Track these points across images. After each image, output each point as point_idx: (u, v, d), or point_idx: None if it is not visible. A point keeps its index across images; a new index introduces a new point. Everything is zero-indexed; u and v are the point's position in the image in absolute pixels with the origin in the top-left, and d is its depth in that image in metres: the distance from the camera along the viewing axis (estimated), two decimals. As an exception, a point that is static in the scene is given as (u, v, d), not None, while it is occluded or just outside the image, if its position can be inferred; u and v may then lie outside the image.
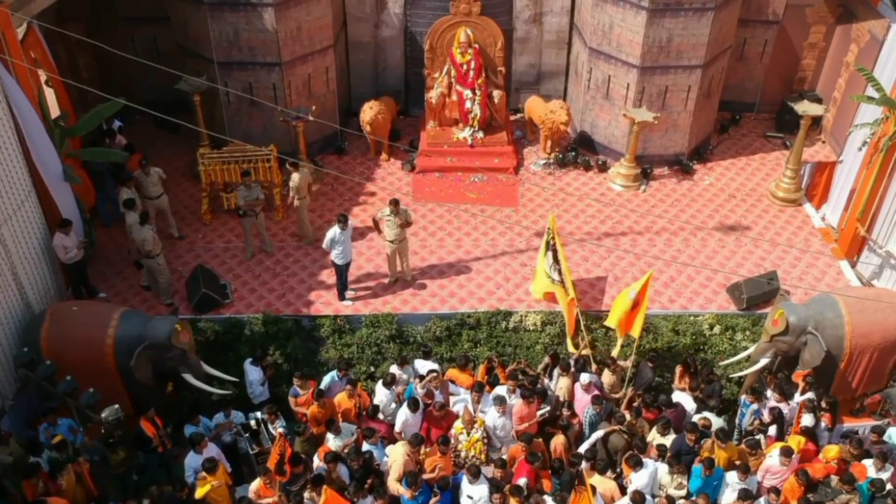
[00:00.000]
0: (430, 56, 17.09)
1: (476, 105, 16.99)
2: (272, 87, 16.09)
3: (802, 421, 11.65)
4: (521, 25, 17.87)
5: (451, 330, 13.52)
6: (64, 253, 13.06)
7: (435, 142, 17.28)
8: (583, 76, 17.38)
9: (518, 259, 15.07)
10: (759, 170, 17.66)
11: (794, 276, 14.74)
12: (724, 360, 13.17)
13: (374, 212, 14.88)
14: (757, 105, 19.07)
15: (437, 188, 16.78)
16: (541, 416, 11.52)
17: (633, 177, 16.91)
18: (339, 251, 13.55)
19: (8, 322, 12.20)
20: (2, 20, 11.94)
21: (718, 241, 15.59)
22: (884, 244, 15.09)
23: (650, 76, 16.22)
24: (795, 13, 17.84)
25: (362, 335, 13.39)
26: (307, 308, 13.85)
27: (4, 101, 12.05)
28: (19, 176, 12.52)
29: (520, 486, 10.08)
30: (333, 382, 12.01)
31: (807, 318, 12.41)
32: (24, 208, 12.68)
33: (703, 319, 13.73)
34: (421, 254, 15.08)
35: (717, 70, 16.93)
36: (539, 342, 13.38)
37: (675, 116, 16.75)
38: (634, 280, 13.77)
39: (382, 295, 14.24)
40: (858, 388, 12.88)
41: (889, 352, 12.67)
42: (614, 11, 15.94)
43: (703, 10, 15.44)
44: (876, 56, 15.87)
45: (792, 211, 16.50)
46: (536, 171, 17.40)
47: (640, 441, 11.07)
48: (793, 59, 18.48)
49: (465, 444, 11.06)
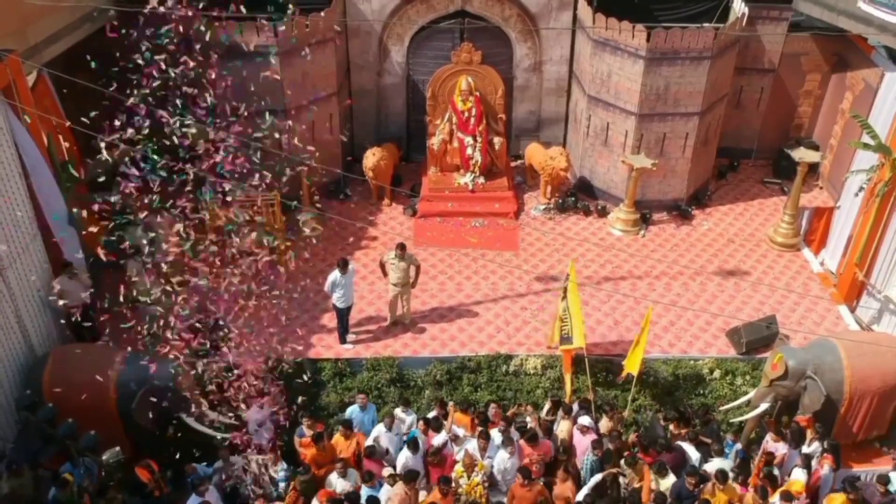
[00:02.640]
0: (431, 103, 17.41)
1: (477, 151, 17.26)
2: (277, 133, 16.34)
3: (794, 475, 11.60)
4: (521, 74, 18.23)
5: (451, 373, 13.56)
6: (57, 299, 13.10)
7: (436, 187, 17.51)
8: (582, 123, 17.66)
9: (518, 303, 15.16)
10: (757, 215, 17.84)
11: (794, 321, 14.80)
12: (724, 404, 13.20)
13: (377, 256, 15.06)
14: (754, 151, 19.34)
15: (438, 233, 16.95)
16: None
17: (633, 222, 17.09)
18: (341, 294, 13.67)
19: (11, 364, 12.27)
20: (13, 68, 12.25)
21: (717, 285, 15.69)
22: (882, 289, 15.18)
23: (648, 123, 16.50)
24: (791, 61, 18.19)
25: (363, 379, 13.44)
26: (311, 351, 13.92)
27: (13, 146, 12.30)
28: (25, 219, 12.71)
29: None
30: (355, 415, 12.26)
31: (806, 363, 12.47)
32: (30, 251, 12.83)
33: (703, 364, 13.78)
34: (422, 297, 15.18)
35: (714, 117, 17.21)
36: (539, 386, 13.42)
37: (674, 163, 16.98)
38: (635, 324, 13.86)
39: (383, 338, 14.31)
40: (860, 433, 12.88)
41: (889, 396, 12.69)
42: (612, 60, 16.26)
43: (699, 59, 15.77)
44: (871, 103, 16.16)
45: (790, 256, 16.63)
46: (537, 216, 17.59)
47: (636, 494, 11.06)
48: (789, 106, 18.78)
49: (466, 487, 11.04)
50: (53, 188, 13.25)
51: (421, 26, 17.64)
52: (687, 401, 13.32)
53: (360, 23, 17.32)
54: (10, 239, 12.22)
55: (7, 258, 12.13)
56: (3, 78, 12.03)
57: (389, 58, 17.85)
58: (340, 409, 13.02)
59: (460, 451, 11.81)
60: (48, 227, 13.29)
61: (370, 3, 17.04)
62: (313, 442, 11.76)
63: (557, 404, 12.66)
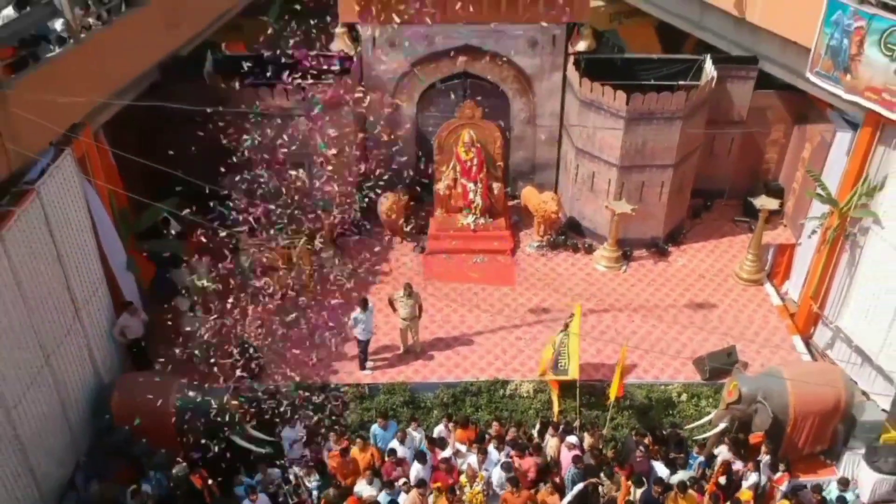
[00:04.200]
0: (438, 153, 19.67)
1: (478, 196, 19.53)
2: (302, 183, 18.59)
3: (749, 479, 13.89)
4: (518, 126, 20.44)
5: (456, 396, 15.78)
6: (119, 332, 15.43)
7: (442, 227, 19.78)
8: (571, 170, 19.91)
9: (514, 333, 17.40)
10: (726, 252, 20.05)
11: (753, 350, 17.02)
12: (690, 423, 15.44)
13: (390, 289, 17.34)
14: (726, 192, 21.41)
15: (444, 268, 19.19)
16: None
17: (615, 259, 19.33)
18: (362, 328, 15.95)
19: (83, 390, 14.53)
20: (86, 139, 14.51)
21: (688, 317, 17.92)
22: (834, 320, 17.43)
23: (628, 174, 18.74)
24: (758, 114, 20.33)
25: (380, 401, 15.68)
26: (334, 377, 16.17)
27: (86, 206, 14.57)
28: (95, 268, 14.98)
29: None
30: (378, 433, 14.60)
31: (756, 389, 14.72)
32: (98, 294, 15.11)
33: (673, 388, 16.00)
34: (430, 328, 17.42)
35: (688, 167, 19.43)
36: (532, 407, 15.64)
37: (651, 207, 19.21)
38: (615, 352, 16.09)
39: (397, 365, 16.57)
40: (804, 448, 15.09)
41: (829, 417, 14.91)
42: (597, 118, 18.50)
43: (672, 119, 18.01)
44: (825, 156, 18.30)
45: (754, 290, 18.84)
46: (531, 253, 19.84)
47: (612, 502, 13.37)
48: (757, 153, 20.91)
49: (469, 494, 13.29)
50: (115, 238, 15.52)
51: (429, 85, 19.88)
52: (659, 420, 15.56)
53: (376, 83, 19.56)
54: (84, 284, 14.50)
55: (81, 300, 14.40)
56: (78, 149, 14.30)
57: (400, 113, 20.10)
58: (361, 426, 15.27)
59: (463, 463, 14.10)
60: (111, 272, 15.56)
61: (383, 66, 19.27)
62: (340, 455, 14.07)
63: (546, 424, 14.95)
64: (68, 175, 13.89)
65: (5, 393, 12.16)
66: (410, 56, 19.18)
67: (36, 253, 12.94)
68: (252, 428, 14.62)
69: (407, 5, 18.09)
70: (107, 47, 14.43)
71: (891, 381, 15.93)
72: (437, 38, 18.90)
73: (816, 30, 16.08)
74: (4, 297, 12.09)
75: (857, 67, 15.41)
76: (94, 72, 14.31)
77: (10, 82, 12.37)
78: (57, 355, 13.60)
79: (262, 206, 16.24)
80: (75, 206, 14.17)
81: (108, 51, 14.48)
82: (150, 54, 15.79)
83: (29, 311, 12.75)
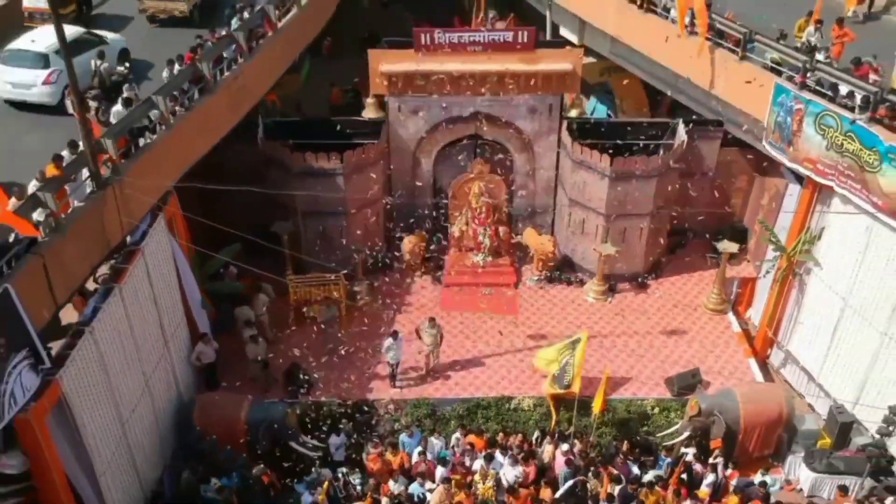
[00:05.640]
0: (453, 202, 23.26)
1: (486, 238, 23.07)
2: (339, 229, 22.14)
3: (708, 479, 17.37)
4: (520, 177, 23.92)
5: (469, 410, 19.19)
6: (195, 358, 18.98)
7: (456, 264, 23.31)
8: (565, 216, 23.46)
9: (517, 356, 20.89)
10: (697, 284, 23.51)
11: (715, 371, 20.50)
12: (660, 432, 18.92)
13: (412, 318, 20.94)
14: (696, 233, 24.73)
15: (458, 300, 22.70)
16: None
17: (602, 291, 22.84)
18: (392, 354, 19.46)
19: (169, 406, 18.07)
20: (173, 205, 18.02)
21: (662, 342, 21.40)
22: (785, 344, 20.93)
23: (613, 221, 22.25)
24: (725, 166, 23.75)
25: (408, 413, 19.15)
26: (369, 394, 19.69)
27: (173, 258, 18.09)
28: (178, 307, 18.53)
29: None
30: (405, 440, 18.07)
31: (713, 405, 18.21)
32: (181, 327, 18.65)
33: (647, 403, 19.45)
34: (447, 352, 20.87)
35: (664, 214, 22.93)
36: (532, 419, 19.10)
37: (633, 248, 22.73)
38: (601, 372, 19.50)
39: (421, 384, 20.07)
40: (754, 452, 18.61)
41: (773, 427, 18.43)
42: (586, 175, 22.03)
43: (649, 177, 21.54)
44: (780, 206, 21.70)
45: (718, 319, 22.33)
46: (531, 286, 23.36)
47: (596, 497, 16.82)
48: (725, 198, 24.32)
49: (482, 489, 16.79)
50: (192, 281, 19.05)
51: (444, 144, 23.44)
52: (636, 430, 19.00)
53: (400, 143, 23.13)
54: (171, 321, 18.05)
55: (169, 334, 17.94)
56: (168, 212, 17.83)
57: (420, 167, 23.63)
58: (391, 434, 18.75)
59: (475, 462, 17.59)
60: (189, 309, 19.09)
61: (407, 129, 22.84)
62: (378, 457, 17.58)
63: (544, 432, 18.47)
64: (161, 235, 17.44)
65: (122, 409, 15.71)
66: (429, 122, 22.73)
67: (141, 299, 16.48)
68: (306, 436, 18.16)
69: (427, 82, 21.64)
70: (187, 130, 17.89)
71: (829, 396, 19.42)
72: (452, 107, 22.44)
73: (767, 108, 19.49)
74: (122, 338, 15.65)
75: (798, 141, 18.80)
76: (179, 150, 17.80)
77: (124, 167, 15.85)
78: (153, 379, 17.14)
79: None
80: (166, 258, 17.72)
81: (187, 132, 17.95)
82: (219, 131, 19.24)
83: (136, 345, 16.30)
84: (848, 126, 17.37)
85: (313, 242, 22.15)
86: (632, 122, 23.65)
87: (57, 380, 13.49)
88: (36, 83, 19.61)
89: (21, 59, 19.89)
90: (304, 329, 21.19)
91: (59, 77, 19.30)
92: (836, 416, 18.03)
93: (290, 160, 21.30)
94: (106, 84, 20.05)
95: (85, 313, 15.09)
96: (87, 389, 14.39)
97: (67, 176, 14.76)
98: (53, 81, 19.56)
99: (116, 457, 15.52)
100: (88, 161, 14.98)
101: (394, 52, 22.07)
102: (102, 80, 20.10)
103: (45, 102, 19.75)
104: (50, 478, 13.55)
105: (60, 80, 19.22)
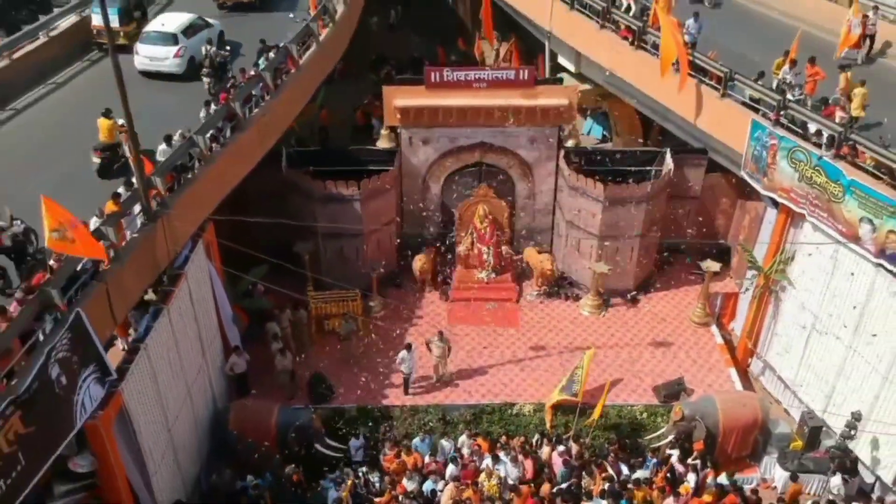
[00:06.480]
0: (459, 223, 25.31)
1: (490, 256, 25.11)
2: (356, 249, 24.17)
3: (688, 480, 19.37)
4: (521, 200, 25.98)
5: (476, 415, 21.15)
6: (229, 368, 21.02)
7: (462, 280, 25.33)
8: (562, 236, 25.51)
9: (518, 366, 22.91)
10: (684, 299, 25.54)
11: (698, 379, 22.52)
12: (648, 435, 20.94)
13: (423, 331, 22.94)
14: (686, 249, 26.91)
15: (464, 314, 24.72)
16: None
17: (596, 306, 24.88)
18: (406, 365, 21.48)
19: (206, 412, 20.07)
20: (210, 233, 20.05)
21: (651, 352, 23.43)
22: (764, 354, 22.96)
23: (606, 242, 24.29)
24: (710, 190, 25.79)
25: (420, 418, 21.13)
26: (385, 400, 21.72)
27: (210, 281, 20.11)
28: (213, 322, 20.56)
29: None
30: (417, 443, 20.03)
31: (696, 411, 20.20)
32: (215, 341, 20.68)
33: (637, 409, 21.46)
34: (455, 362, 22.89)
35: (652, 236, 24.96)
36: (531, 423, 21.10)
37: (624, 266, 24.77)
38: (595, 381, 21.49)
39: (432, 391, 22.08)
40: (733, 453, 20.58)
41: (749, 430, 20.39)
42: (582, 200, 24.09)
43: (639, 202, 23.58)
44: (759, 227, 23.71)
45: (702, 331, 24.36)
46: (531, 301, 25.39)
47: (590, 493, 18.80)
48: (709, 219, 26.33)
49: (488, 486, 18.79)
50: (225, 299, 21.07)
51: (452, 171, 25.49)
52: (626, 433, 21.00)
53: (412, 169, 25.19)
54: (208, 335, 20.05)
55: (206, 347, 19.96)
56: (206, 238, 19.84)
57: (429, 192, 25.68)
58: (405, 437, 20.73)
59: (483, 462, 19.59)
60: (222, 324, 21.11)
61: (417, 157, 24.90)
62: (394, 458, 19.61)
63: (543, 435, 20.49)
64: (201, 259, 19.46)
65: (168, 414, 17.71)
66: (438, 150, 24.77)
67: (184, 317, 18.49)
68: (329, 439, 20.19)
69: (436, 115, 23.70)
70: (222, 164, 19.91)
71: (801, 402, 21.44)
72: (459, 137, 24.49)
73: (745, 142, 21.52)
74: (170, 353, 17.67)
75: (773, 173, 20.82)
76: (215, 182, 19.81)
77: (170, 200, 17.87)
78: (193, 387, 19.15)
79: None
80: (204, 280, 19.75)
81: (223, 166, 19.96)
82: (249, 163, 21.26)
83: (181, 358, 18.31)
84: (816, 160, 19.37)
85: (332, 261, 24.19)
86: (623, 150, 25.72)
87: (120, 390, 15.50)
88: (169, 56, 24.29)
89: (155, 38, 24.53)
90: (324, 342, 23.23)
91: (185, 52, 24.34)
92: (806, 420, 19.97)
93: (311, 187, 23.35)
94: (214, 64, 23.58)
95: (139, 331, 17.12)
96: (141, 398, 16.39)
97: (124, 211, 16.76)
98: (181, 55, 24.33)
99: (165, 458, 17.53)
100: (141, 197, 16.98)
101: (406, 88, 24.21)
102: (212, 61, 23.55)
103: (174, 72, 24.42)
104: (113, 476, 15.54)
105: (185, 54, 24.35)
